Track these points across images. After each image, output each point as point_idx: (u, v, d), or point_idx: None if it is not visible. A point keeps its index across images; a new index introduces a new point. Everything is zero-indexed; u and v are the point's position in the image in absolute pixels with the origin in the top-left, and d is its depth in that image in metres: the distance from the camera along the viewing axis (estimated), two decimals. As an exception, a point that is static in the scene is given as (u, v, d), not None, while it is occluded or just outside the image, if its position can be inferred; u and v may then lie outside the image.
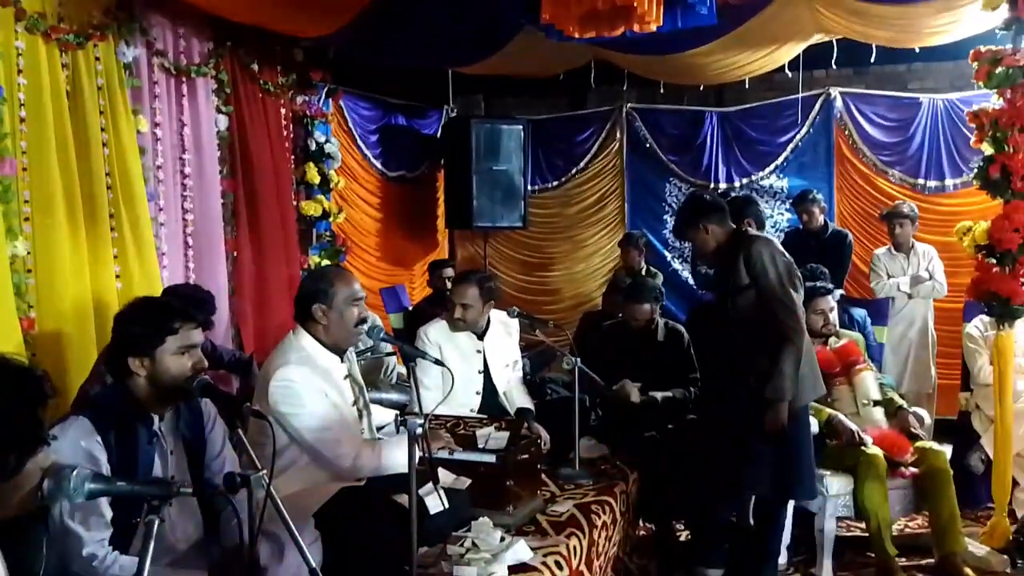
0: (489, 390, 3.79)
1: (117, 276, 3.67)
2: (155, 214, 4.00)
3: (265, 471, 1.86)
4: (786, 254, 3.25)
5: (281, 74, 4.81)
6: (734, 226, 3.35)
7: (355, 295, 2.65)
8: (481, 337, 3.76)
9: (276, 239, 4.72)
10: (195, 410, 2.23)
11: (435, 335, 3.70)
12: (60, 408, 2.79)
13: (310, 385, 2.45)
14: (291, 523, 1.89)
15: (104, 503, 1.92)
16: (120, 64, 3.69)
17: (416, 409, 2.58)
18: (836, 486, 3.53)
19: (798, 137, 6.37)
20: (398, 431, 2.44)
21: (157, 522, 1.46)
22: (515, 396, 3.85)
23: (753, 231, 3.39)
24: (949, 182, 6.02)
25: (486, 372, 3.78)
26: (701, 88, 6.46)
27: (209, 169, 4.33)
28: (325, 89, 5.23)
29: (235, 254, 4.52)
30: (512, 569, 2.43)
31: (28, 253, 3.27)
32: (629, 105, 6.84)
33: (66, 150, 3.40)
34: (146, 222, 3.78)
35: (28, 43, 3.26)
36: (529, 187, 6.88)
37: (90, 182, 3.52)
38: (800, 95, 6.24)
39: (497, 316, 3.80)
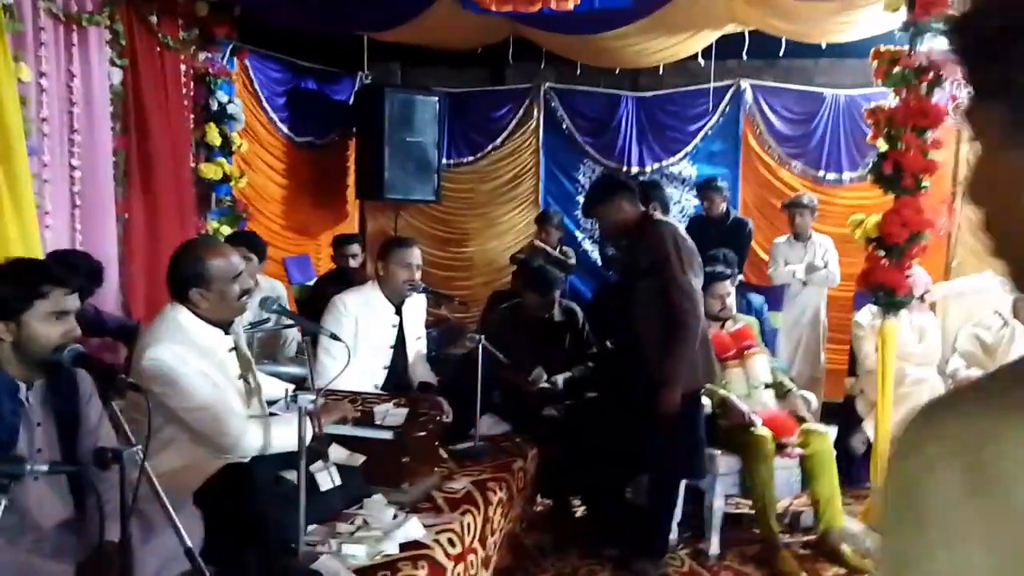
0: (397, 365, 3.74)
1: (-8, 234, 3.42)
2: (39, 170, 3.74)
3: (140, 447, 1.77)
4: (688, 240, 3.31)
5: (182, 28, 4.57)
6: (643, 208, 3.38)
7: (233, 271, 2.49)
8: (399, 310, 3.71)
9: (171, 202, 4.51)
10: (69, 381, 2.10)
11: (353, 305, 3.62)
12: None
13: (184, 364, 2.32)
14: (167, 501, 1.80)
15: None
16: (0, 5, 3.42)
17: (310, 384, 2.50)
18: (725, 465, 3.65)
19: (708, 126, 6.49)
20: (288, 407, 2.36)
21: (3, 503, 1.35)
22: (418, 371, 3.82)
23: (658, 215, 3.43)
24: (847, 175, 6.26)
25: (398, 346, 3.73)
26: (617, 71, 6.49)
27: (100, 125, 4.08)
28: (230, 47, 5.00)
29: (126, 216, 4.29)
30: (404, 547, 2.40)
31: None
32: (548, 84, 6.82)
33: (-66, 95, 3.13)
34: (26, 178, 3.52)
35: None
36: (444, 161, 6.80)
37: (-36, 132, 3.26)
38: (712, 84, 6.35)
39: None
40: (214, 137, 4.80)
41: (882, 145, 3.87)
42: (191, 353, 2.36)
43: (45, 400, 2.05)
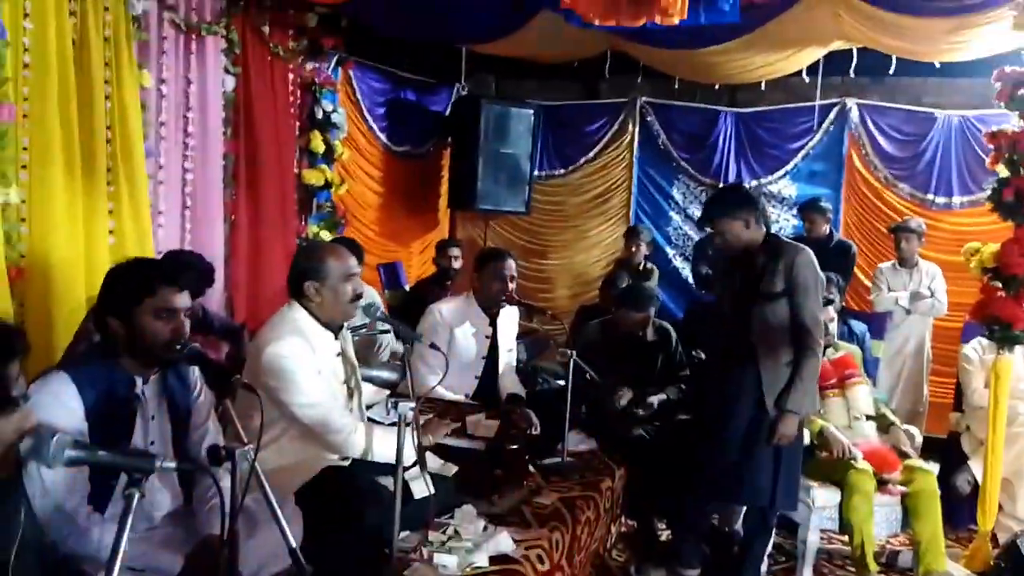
0: (489, 375, 3.76)
1: (111, 232, 3.60)
2: (155, 171, 3.93)
3: (251, 445, 1.81)
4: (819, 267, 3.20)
5: (292, 39, 4.72)
6: (765, 229, 3.28)
7: (349, 271, 2.56)
8: (493, 322, 3.73)
9: (275, 206, 4.65)
10: (183, 377, 2.18)
11: (448, 314, 3.66)
12: (46, 364, 2.76)
13: (302, 360, 2.39)
14: (273, 499, 1.84)
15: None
16: (129, 16, 3.61)
17: (408, 392, 2.53)
18: (823, 498, 3.51)
19: (811, 144, 6.31)
20: (388, 413, 2.39)
21: (137, 496, 1.40)
22: (507, 382, 3.82)
23: (788, 239, 3.32)
24: (957, 200, 5.98)
25: (491, 356, 3.75)
26: (716, 87, 6.38)
27: (212, 129, 4.26)
28: (336, 57, 5.14)
29: (233, 217, 4.45)
30: (493, 560, 2.40)
31: (23, 201, 3.20)
32: (644, 99, 6.77)
33: (68, 100, 3.32)
34: (142, 178, 3.70)
35: (36, -13, 3.17)
36: (535, 173, 6.83)
37: (90, 134, 3.45)
38: (817, 103, 6.17)
39: None
40: (318, 144, 4.94)
41: (1003, 171, 3.69)
42: (308, 351, 2.43)
43: (159, 394, 2.13)
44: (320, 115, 4.96)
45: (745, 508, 3.51)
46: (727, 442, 3.22)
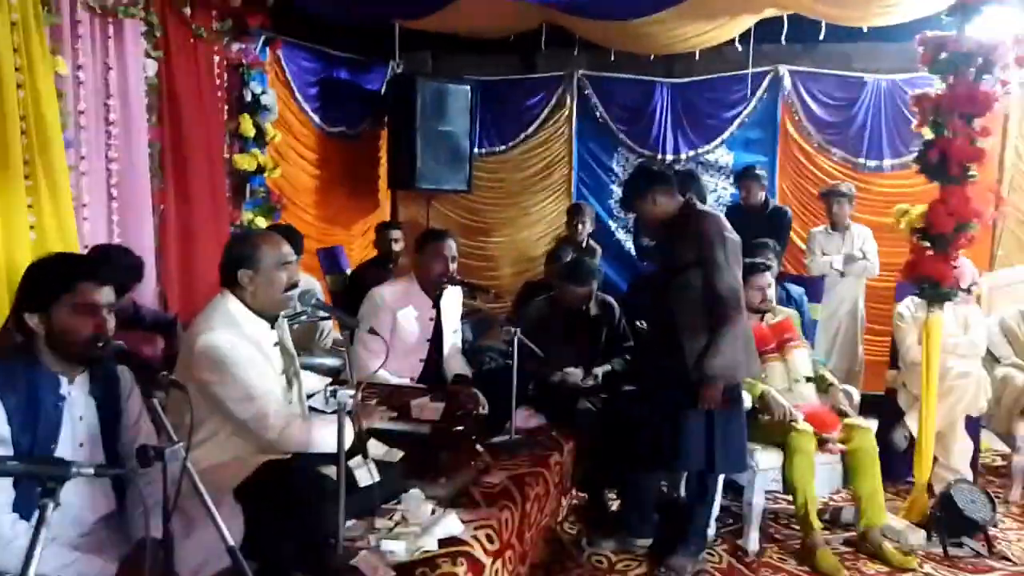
0: (435, 357, 3.73)
1: (31, 227, 3.44)
2: (76, 162, 3.76)
3: (182, 444, 1.76)
4: (733, 232, 3.24)
5: (216, 19, 4.56)
6: (682, 199, 3.32)
7: (283, 259, 2.50)
8: (436, 303, 3.69)
9: (205, 193, 4.51)
10: (112, 375, 2.11)
11: (390, 297, 3.61)
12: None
13: (237, 352, 2.32)
14: (208, 498, 1.79)
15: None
16: (37, -1, 3.43)
17: (349, 379, 2.49)
18: (766, 461, 3.58)
19: (745, 112, 6.38)
20: (327, 402, 2.35)
21: (51, 506, 1.34)
22: (453, 364, 3.80)
23: (700, 207, 3.36)
24: (887, 162, 6.13)
25: (436, 338, 3.71)
26: (652, 58, 6.39)
27: (136, 116, 4.09)
28: (263, 37, 4.98)
29: (162, 207, 4.31)
30: (442, 543, 2.39)
31: (-68, 199, 3.04)
32: (581, 72, 6.74)
33: (-26, 90, 3.15)
34: (63, 170, 3.54)
35: (-69, -30, 2.99)
36: (475, 150, 6.76)
37: (2, 126, 3.27)
38: (750, 71, 6.24)
39: None
40: (248, 128, 4.80)
41: (928, 133, 3.76)
42: (243, 342, 2.36)
43: (87, 394, 2.05)
44: (249, 98, 4.82)
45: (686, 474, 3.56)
46: (659, 410, 3.28)
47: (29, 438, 1.88)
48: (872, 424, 4.02)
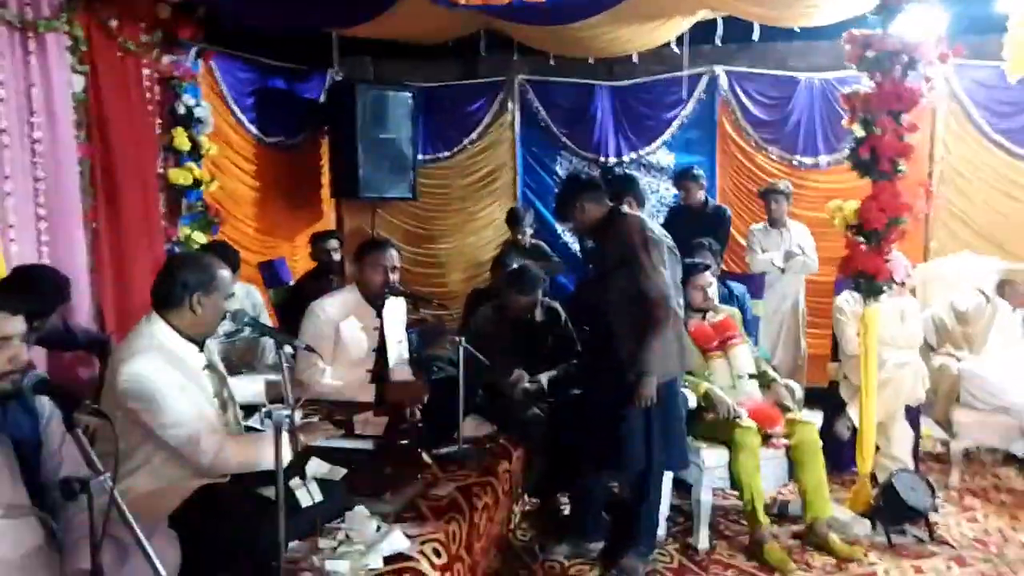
0: (381, 369, 3.69)
1: (-46, 252, 3.32)
2: (0, 183, 3.64)
3: (108, 474, 1.70)
4: (656, 231, 3.30)
5: (145, 31, 4.45)
6: (611, 204, 3.38)
7: (230, 287, 2.50)
8: (379, 313, 3.65)
9: (139, 210, 4.39)
10: (27, 406, 2.02)
11: (333, 310, 3.56)
12: None
13: (163, 378, 2.26)
14: (137, 529, 1.73)
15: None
16: (-50, 15, 3.31)
17: (286, 397, 2.44)
18: (712, 458, 3.63)
19: (684, 113, 6.46)
20: (262, 423, 2.30)
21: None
22: (399, 374, 3.76)
23: (628, 209, 3.41)
24: (823, 159, 6.26)
25: (380, 349, 3.67)
26: (591, 61, 6.43)
27: (63, 134, 3.97)
28: (195, 49, 4.88)
29: (94, 226, 4.18)
30: (388, 560, 2.35)
31: None
32: (521, 76, 6.75)
33: None
34: (-15, 192, 3.42)
35: None
36: (419, 157, 6.72)
37: (-83, 147, 3.15)
38: (686, 72, 6.32)
39: None
40: (182, 142, 4.69)
41: (858, 130, 3.85)
42: (170, 366, 2.30)
43: (1, 427, 1.96)
44: (182, 110, 4.71)
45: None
46: (600, 411, 3.31)
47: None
48: (817, 417, 4.11)
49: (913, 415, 4.46)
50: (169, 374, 2.28)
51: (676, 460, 3.45)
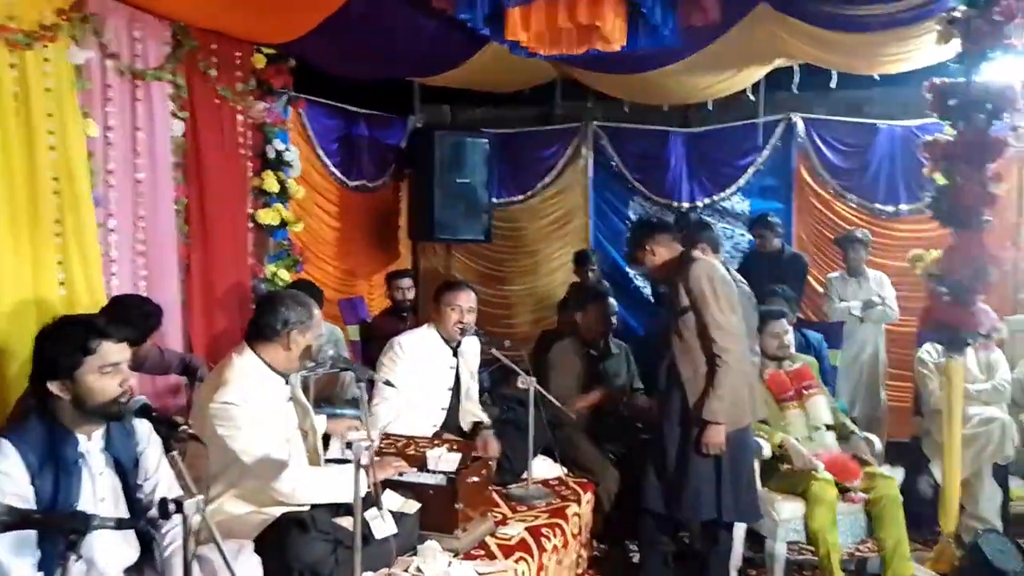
0: (455, 407, 3.76)
1: (61, 283, 3.54)
2: (104, 220, 3.88)
3: (201, 496, 1.79)
4: (727, 277, 3.29)
5: (240, 80, 4.71)
6: (681, 248, 3.38)
7: (321, 329, 2.65)
8: (455, 352, 3.74)
9: (229, 248, 4.60)
10: (127, 429, 2.15)
11: (411, 347, 3.64)
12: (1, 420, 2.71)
13: (250, 408, 2.38)
14: (224, 550, 1.82)
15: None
16: (71, 66, 3.58)
17: (365, 431, 2.52)
18: (787, 511, 3.55)
19: (759, 160, 6.44)
20: (343, 452, 2.38)
21: (73, 559, 1.38)
22: (470, 411, 3.83)
23: (701, 255, 3.41)
24: (904, 207, 6.13)
25: (456, 388, 3.75)
26: (666, 108, 6.50)
27: (163, 175, 4.22)
28: (286, 97, 5.14)
29: (187, 263, 4.41)
30: (458, 595, 2.39)
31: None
32: (596, 123, 6.86)
33: (8, 152, 3.27)
34: (91, 227, 3.65)
35: (-26, 41, 3.15)
36: (493, 200, 6.87)
37: (34, 186, 3.39)
38: (762, 119, 6.31)
39: None
40: (271, 184, 4.91)
41: (940, 179, 3.78)
42: (257, 397, 2.42)
43: (104, 449, 2.09)
44: (272, 155, 4.94)
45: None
46: (665, 455, 3.28)
47: (51, 496, 1.91)
48: (898, 472, 3.98)
49: (1001, 473, 4.27)
50: (256, 403, 2.39)
51: (748, 511, 3.38)
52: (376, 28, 4.30)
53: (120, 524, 1.48)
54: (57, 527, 1.45)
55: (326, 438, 2.97)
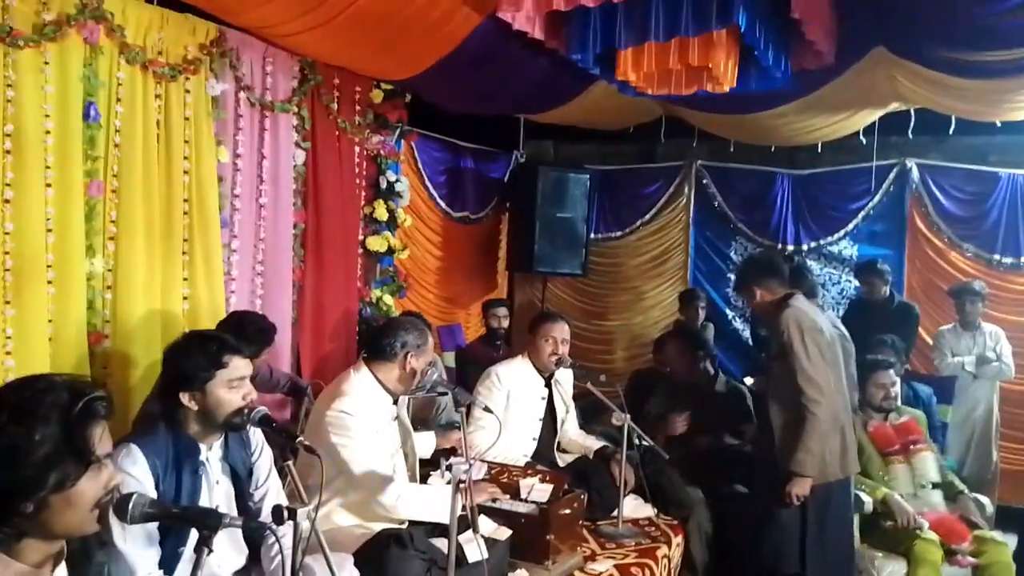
0: (546, 437, 3.81)
1: (185, 298, 3.80)
2: (229, 240, 4.14)
3: (312, 505, 1.89)
4: (817, 324, 3.21)
5: (359, 114, 4.97)
6: (783, 292, 3.33)
7: (432, 356, 2.77)
8: (548, 383, 3.79)
9: (339, 271, 4.83)
10: (243, 438, 2.28)
11: (507, 376, 3.72)
12: (126, 424, 2.93)
13: (364, 420, 2.50)
14: (331, 560, 1.91)
15: (154, 528, 1.98)
16: (208, 97, 3.87)
17: (463, 455, 2.59)
18: (889, 569, 3.41)
19: (870, 205, 6.26)
20: (442, 474, 2.46)
21: (207, 553, 1.50)
22: (575, 440, 3.90)
23: (794, 301, 3.33)
24: (1024, 260, 5.83)
25: (548, 419, 3.80)
26: (772, 148, 6.42)
27: (284, 200, 4.48)
28: (399, 130, 5.37)
29: (300, 283, 4.64)
30: (545, 625, 2.41)
31: (109, 270, 3.43)
32: (700, 162, 6.84)
33: (150, 176, 3.57)
34: (217, 248, 3.91)
35: (128, 74, 3.45)
36: (592, 235, 6.92)
37: (169, 207, 3.67)
38: (874, 163, 6.15)
39: None
40: (382, 213, 5.13)
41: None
42: (369, 411, 2.54)
43: (223, 458, 2.23)
44: (384, 185, 5.17)
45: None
46: (754, 508, 3.22)
47: (172, 501, 2.03)
48: (1011, 538, 3.76)
49: None
50: (368, 417, 2.52)
51: (838, 569, 3.26)
52: (489, 67, 4.45)
53: (247, 523, 1.59)
54: (193, 522, 1.57)
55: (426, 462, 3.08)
